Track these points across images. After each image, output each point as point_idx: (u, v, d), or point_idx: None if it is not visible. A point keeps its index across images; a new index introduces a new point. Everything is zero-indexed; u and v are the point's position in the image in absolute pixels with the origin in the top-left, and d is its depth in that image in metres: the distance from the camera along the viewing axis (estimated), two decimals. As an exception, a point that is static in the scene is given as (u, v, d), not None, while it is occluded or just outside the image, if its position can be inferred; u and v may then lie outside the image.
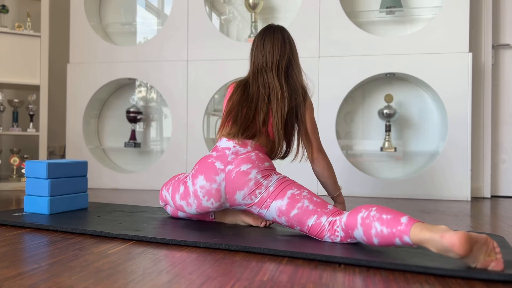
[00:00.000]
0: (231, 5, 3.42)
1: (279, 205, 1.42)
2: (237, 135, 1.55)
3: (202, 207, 1.52)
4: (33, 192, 1.86)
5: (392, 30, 3.13)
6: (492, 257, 1.08)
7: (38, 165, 1.85)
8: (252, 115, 1.58)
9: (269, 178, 1.47)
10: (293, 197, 1.41)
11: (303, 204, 1.38)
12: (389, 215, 1.19)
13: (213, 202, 1.49)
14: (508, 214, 2.20)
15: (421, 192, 2.80)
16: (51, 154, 3.70)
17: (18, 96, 3.44)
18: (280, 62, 1.63)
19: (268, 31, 1.69)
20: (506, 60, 3.10)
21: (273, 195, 1.43)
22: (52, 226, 1.57)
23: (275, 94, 1.59)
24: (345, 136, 3.18)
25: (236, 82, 1.70)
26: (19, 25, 3.13)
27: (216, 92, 3.10)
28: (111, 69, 3.27)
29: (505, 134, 3.09)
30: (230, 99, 1.64)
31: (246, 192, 1.45)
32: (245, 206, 1.50)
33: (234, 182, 1.46)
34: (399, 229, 1.15)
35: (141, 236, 1.41)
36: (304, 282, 1.00)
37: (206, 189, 1.49)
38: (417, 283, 1.01)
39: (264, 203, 1.45)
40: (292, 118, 1.60)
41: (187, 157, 3.12)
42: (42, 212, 1.84)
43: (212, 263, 1.16)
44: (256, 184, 1.45)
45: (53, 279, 1.00)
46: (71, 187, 1.95)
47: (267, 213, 1.46)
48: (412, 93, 3.07)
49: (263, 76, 1.62)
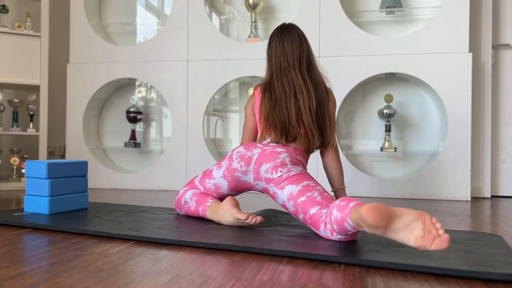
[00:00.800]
0: (231, 5, 3.42)
1: (291, 190, 1.50)
2: (281, 140, 1.65)
3: (231, 169, 1.62)
4: (33, 192, 1.86)
5: (392, 30, 3.13)
6: (433, 234, 1.03)
7: (38, 165, 1.85)
8: (287, 117, 1.65)
9: (295, 166, 1.57)
10: (307, 186, 1.49)
11: (312, 194, 1.46)
12: (345, 201, 1.25)
13: (242, 165, 1.60)
14: (508, 214, 2.20)
15: (421, 192, 2.80)
16: (51, 154, 3.70)
17: (18, 96, 3.44)
18: (301, 59, 1.72)
19: (284, 30, 1.76)
20: (506, 60, 3.10)
21: (290, 179, 1.53)
22: (52, 226, 1.57)
23: (300, 91, 1.66)
24: (345, 136, 3.18)
25: (260, 85, 1.77)
26: (19, 25, 3.13)
27: (216, 92, 3.10)
28: (111, 69, 3.27)
29: (505, 134, 3.09)
30: (262, 104, 1.71)
31: (270, 166, 1.56)
32: (264, 182, 1.59)
33: (265, 156, 1.59)
34: (345, 213, 1.21)
35: (140, 236, 1.41)
36: (304, 282, 1.00)
37: (241, 153, 1.62)
38: (417, 283, 1.01)
39: (281, 183, 1.53)
40: (322, 110, 1.68)
41: (187, 157, 3.12)
42: (42, 212, 1.84)
43: (212, 263, 1.16)
44: (281, 163, 1.56)
45: (53, 279, 1.00)
46: (71, 187, 1.95)
47: (280, 194, 1.54)
48: (412, 93, 3.07)
49: (287, 76, 1.69)
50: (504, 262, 1.14)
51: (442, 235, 1.03)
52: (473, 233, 1.57)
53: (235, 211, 1.55)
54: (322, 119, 1.68)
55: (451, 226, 1.81)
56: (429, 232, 1.03)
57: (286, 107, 1.65)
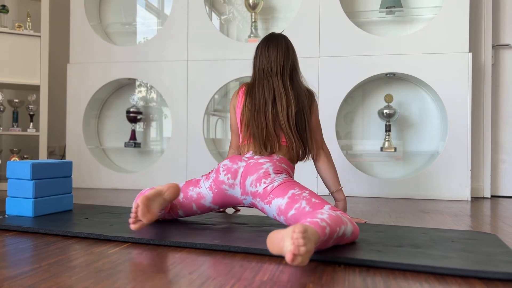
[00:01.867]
0: (231, 5, 3.42)
1: (279, 204, 1.47)
2: (262, 151, 1.62)
3: (219, 181, 1.59)
4: (15, 194, 1.79)
5: (392, 30, 3.13)
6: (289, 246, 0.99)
7: (21, 166, 1.78)
8: (265, 124, 1.64)
9: (278, 174, 1.54)
10: (293, 197, 1.45)
11: (300, 205, 1.41)
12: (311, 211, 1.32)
13: (229, 177, 1.57)
14: (508, 214, 2.20)
15: (421, 192, 2.80)
16: (51, 154, 3.70)
17: (18, 96, 3.44)
18: (284, 66, 1.71)
19: (272, 38, 1.77)
20: (506, 60, 3.10)
21: (275, 191, 1.49)
22: (40, 229, 1.52)
23: (280, 98, 1.65)
24: (345, 136, 3.18)
25: (245, 85, 1.76)
26: (19, 25, 3.13)
27: (216, 92, 3.10)
28: (111, 69, 3.27)
29: (505, 134, 3.09)
30: (244, 108, 1.70)
31: (254, 178, 1.53)
32: (251, 197, 1.56)
33: (249, 168, 1.56)
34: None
35: (138, 238, 1.40)
36: (304, 282, 1.00)
37: (227, 166, 1.59)
38: (417, 283, 1.01)
39: (267, 198, 1.50)
40: (301, 120, 1.66)
41: (187, 157, 3.12)
42: (26, 214, 1.77)
43: (212, 263, 1.16)
44: (265, 174, 1.53)
45: (53, 279, 1.00)
46: (56, 188, 1.89)
47: (269, 210, 1.51)
48: (412, 93, 3.07)
49: (268, 81, 1.68)
50: (505, 261, 1.14)
51: (290, 248, 0.98)
52: (469, 232, 1.57)
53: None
54: (301, 128, 1.66)
55: (451, 226, 1.81)
56: (293, 244, 0.99)
57: (264, 112, 1.64)
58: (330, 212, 1.27)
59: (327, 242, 1.19)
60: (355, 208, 2.31)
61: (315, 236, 1.09)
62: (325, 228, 1.16)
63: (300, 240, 0.98)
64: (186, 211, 1.66)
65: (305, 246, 0.99)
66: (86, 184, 3.26)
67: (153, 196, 1.45)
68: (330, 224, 1.19)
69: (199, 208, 1.65)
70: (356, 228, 1.35)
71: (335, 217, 1.25)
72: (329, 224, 1.18)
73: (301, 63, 1.82)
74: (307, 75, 2.93)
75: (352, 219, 1.36)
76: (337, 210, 1.36)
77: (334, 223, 1.22)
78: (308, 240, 1.01)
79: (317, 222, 1.16)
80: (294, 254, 0.98)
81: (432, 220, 1.96)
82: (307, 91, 1.72)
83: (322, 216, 1.21)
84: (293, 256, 0.97)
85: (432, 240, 1.41)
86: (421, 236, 1.47)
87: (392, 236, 1.47)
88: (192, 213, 1.67)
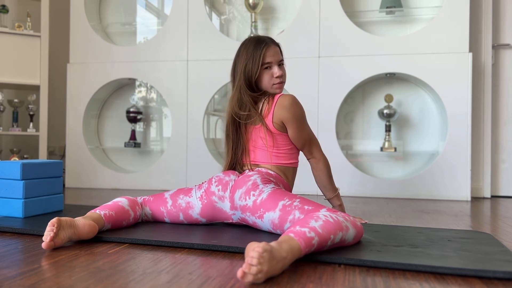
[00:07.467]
0: (231, 5, 3.42)
1: (271, 218, 1.42)
2: (245, 168, 1.65)
3: (209, 192, 1.58)
4: (4, 194, 1.76)
5: (392, 30, 3.13)
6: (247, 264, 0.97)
7: (11, 166, 1.75)
8: (241, 143, 1.65)
9: (267, 184, 1.50)
10: (284, 208, 1.39)
11: (294, 216, 1.36)
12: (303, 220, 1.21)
13: (220, 189, 1.57)
14: (508, 214, 2.20)
15: (421, 192, 2.80)
16: (51, 154, 3.70)
17: (18, 96, 3.44)
18: (246, 75, 1.79)
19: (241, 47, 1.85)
20: (506, 60, 3.10)
21: (265, 204, 1.44)
22: (31, 230, 1.50)
23: (246, 111, 1.63)
24: (345, 136, 3.18)
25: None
26: (19, 25, 3.13)
27: (216, 92, 3.10)
28: (111, 69, 3.27)
29: (505, 134, 3.09)
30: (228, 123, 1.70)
31: (243, 191, 1.50)
32: (240, 212, 1.52)
33: (239, 181, 1.55)
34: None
35: (136, 239, 1.39)
36: (304, 282, 1.00)
37: (220, 177, 1.60)
38: (417, 283, 1.01)
39: (258, 212, 1.45)
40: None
41: (187, 157, 3.12)
42: (15, 215, 1.74)
43: (212, 263, 1.16)
44: (253, 185, 1.50)
45: (53, 279, 1.00)
46: (46, 189, 1.86)
47: (262, 224, 1.47)
48: (412, 93, 3.07)
49: (239, 93, 1.72)
50: (503, 260, 1.14)
51: (243, 267, 0.97)
52: (464, 232, 1.58)
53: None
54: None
55: (451, 226, 1.81)
56: (246, 262, 0.98)
57: (237, 130, 1.66)
58: (328, 218, 1.21)
59: (320, 249, 1.17)
60: (355, 208, 2.31)
61: (289, 252, 1.05)
62: (312, 239, 1.12)
63: (254, 260, 0.96)
64: (172, 220, 1.65)
65: (257, 267, 0.96)
66: (86, 184, 3.26)
67: (66, 225, 1.30)
68: (321, 233, 1.15)
69: (186, 218, 1.62)
70: (359, 231, 1.31)
71: (332, 222, 1.20)
72: (319, 234, 1.14)
73: (301, 63, 1.81)
74: (307, 75, 2.94)
75: (354, 220, 1.32)
76: (336, 212, 1.30)
77: (328, 231, 1.17)
78: (264, 261, 0.97)
79: (304, 233, 1.12)
80: (243, 272, 0.96)
81: (432, 220, 1.96)
82: (270, 96, 1.70)
83: (314, 224, 1.16)
84: (242, 273, 0.96)
85: (429, 240, 1.41)
86: (417, 236, 1.47)
87: (391, 236, 1.47)
88: (178, 222, 1.65)
